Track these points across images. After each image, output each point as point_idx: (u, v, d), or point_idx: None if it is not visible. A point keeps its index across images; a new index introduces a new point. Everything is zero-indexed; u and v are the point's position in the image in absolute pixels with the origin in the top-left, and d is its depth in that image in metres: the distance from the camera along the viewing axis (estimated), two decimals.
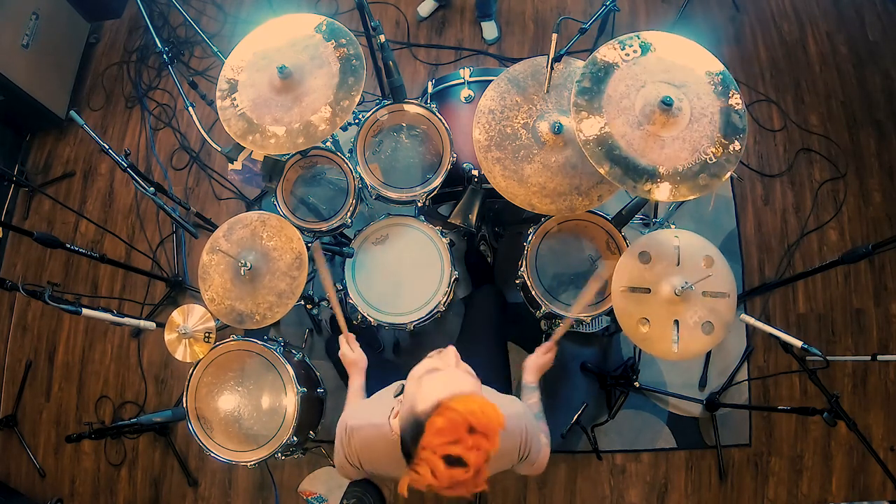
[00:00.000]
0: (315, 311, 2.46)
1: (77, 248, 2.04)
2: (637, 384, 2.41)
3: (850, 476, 2.53)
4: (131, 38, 3.31)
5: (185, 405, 1.90)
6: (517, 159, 1.74)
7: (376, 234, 2.09)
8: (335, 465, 1.48)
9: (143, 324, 2.00)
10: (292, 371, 1.90)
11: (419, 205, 2.06)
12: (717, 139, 1.50)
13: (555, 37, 1.58)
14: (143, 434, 2.63)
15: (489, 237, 2.33)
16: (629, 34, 1.57)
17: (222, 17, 3.30)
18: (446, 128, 2.03)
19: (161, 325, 1.95)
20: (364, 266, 2.06)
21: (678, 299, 1.66)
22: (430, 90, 2.21)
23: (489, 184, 1.76)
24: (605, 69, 1.53)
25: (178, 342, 1.88)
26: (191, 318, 1.88)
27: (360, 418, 1.41)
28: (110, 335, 2.83)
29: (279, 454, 1.88)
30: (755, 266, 2.79)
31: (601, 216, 2.00)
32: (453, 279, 2.03)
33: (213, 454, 1.87)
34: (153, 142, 3.11)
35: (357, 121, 2.08)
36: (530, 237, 1.99)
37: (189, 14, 2.03)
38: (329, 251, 1.97)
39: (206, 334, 1.88)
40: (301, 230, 1.93)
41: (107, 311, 1.91)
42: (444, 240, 2.07)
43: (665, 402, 2.58)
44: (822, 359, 1.75)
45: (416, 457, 1.10)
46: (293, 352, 2.08)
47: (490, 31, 3.15)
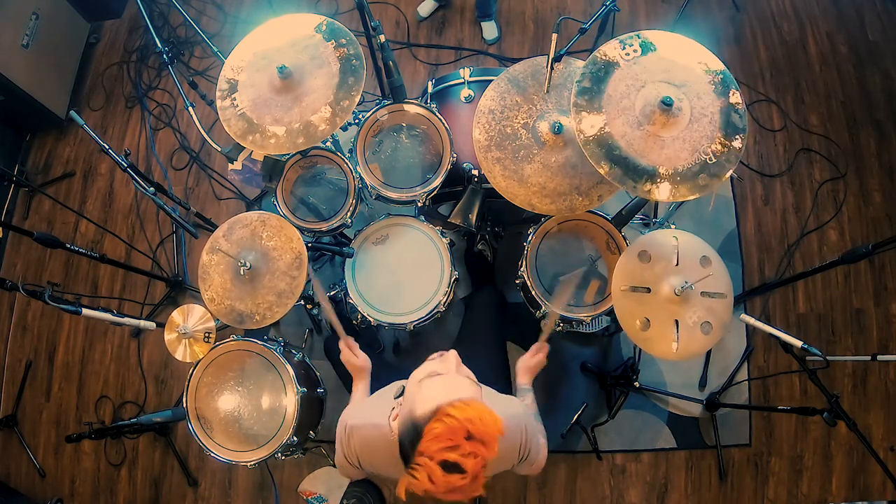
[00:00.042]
0: (315, 311, 2.46)
1: (77, 248, 2.04)
2: (637, 384, 2.41)
3: (850, 476, 2.53)
4: (131, 38, 3.31)
5: (185, 405, 1.90)
6: (517, 159, 1.74)
7: (376, 234, 2.09)
8: (335, 464, 1.48)
9: (143, 324, 2.00)
10: (292, 371, 1.90)
11: (419, 205, 2.06)
12: (717, 139, 1.51)
13: (555, 37, 1.58)
14: (143, 434, 2.63)
15: (489, 237, 2.32)
16: (629, 33, 1.57)
17: (222, 17, 3.30)
18: (446, 128, 2.03)
19: (161, 325, 1.95)
20: (364, 266, 2.06)
21: (678, 299, 1.66)
22: (430, 90, 2.21)
23: (489, 184, 1.76)
24: (606, 68, 1.53)
25: (178, 342, 1.88)
26: (191, 318, 1.88)
27: (360, 418, 1.41)
28: (110, 335, 2.83)
29: (279, 454, 1.88)
30: (755, 266, 2.78)
31: (601, 216, 2.00)
32: (453, 279, 2.03)
33: (213, 454, 1.87)
34: (153, 142, 3.11)
35: (357, 121, 2.08)
36: (530, 237, 1.99)
37: (189, 14, 2.03)
38: (329, 251, 1.97)
39: (206, 334, 1.88)
40: (301, 230, 1.93)
41: (107, 311, 1.91)
42: (444, 240, 2.07)
43: (665, 402, 2.58)
44: (822, 359, 1.75)
45: (414, 462, 1.10)
46: (293, 352, 2.08)
47: (490, 31, 3.15)
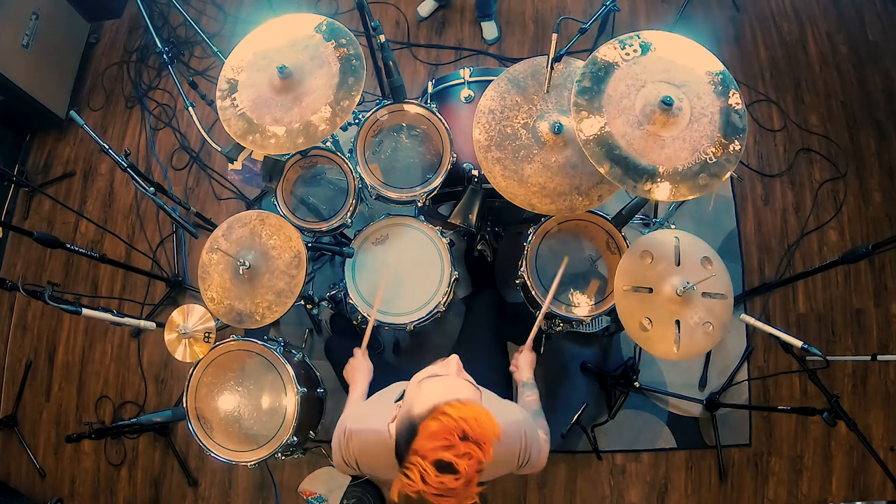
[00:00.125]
0: (315, 311, 2.46)
1: (77, 248, 2.04)
2: (637, 384, 2.40)
3: (850, 476, 2.53)
4: (131, 38, 3.31)
5: (185, 405, 1.90)
6: (517, 159, 1.74)
7: (376, 234, 2.09)
8: (333, 462, 1.48)
9: (143, 324, 1.99)
10: (292, 371, 1.90)
11: (419, 205, 2.06)
12: (716, 139, 1.51)
13: (555, 37, 1.58)
14: (143, 434, 2.63)
15: (489, 237, 2.33)
16: (629, 33, 1.57)
17: (222, 17, 3.29)
18: (446, 128, 2.03)
19: (161, 325, 1.95)
20: (364, 266, 2.06)
21: (680, 299, 1.66)
22: (430, 90, 2.21)
23: (489, 184, 1.76)
24: (606, 69, 1.53)
25: (178, 342, 1.88)
26: (191, 317, 1.88)
27: (360, 422, 1.40)
28: (110, 335, 2.83)
29: (279, 454, 1.88)
30: (755, 266, 2.78)
31: (601, 216, 2.00)
32: (453, 279, 2.03)
33: (213, 454, 1.87)
34: (153, 142, 3.10)
35: (357, 121, 2.08)
36: (530, 237, 1.99)
37: (189, 14, 2.03)
38: (329, 251, 1.97)
39: (206, 334, 1.88)
40: (301, 230, 1.93)
41: (107, 311, 1.91)
42: (444, 240, 2.07)
43: (665, 402, 2.58)
44: (822, 359, 1.75)
45: (408, 460, 1.09)
46: (293, 352, 2.08)
47: (490, 31, 3.15)
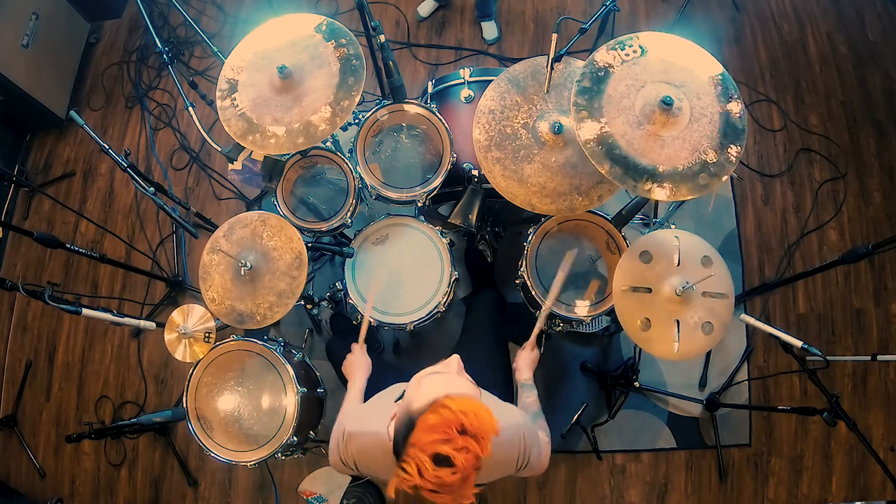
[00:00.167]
0: (315, 311, 2.46)
1: (77, 248, 2.04)
2: (637, 384, 2.41)
3: (850, 476, 2.53)
4: (131, 38, 3.31)
5: (185, 405, 1.90)
6: (517, 159, 1.74)
7: (376, 234, 2.09)
8: (329, 463, 1.47)
9: (143, 324, 1.99)
10: (292, 371, 1.90)
11: (419, 205, 2.06)
12: (716, 140, 1.50)
13: (555, 37, 1.58)
14: (143, 434, 2.63)
15: (489, 237, 2.33)
16: (628, 35, 1.57)
17: (222, 17, 3.29)
18: (446, 128, 2.03)
19: (161, 325, 1.95)
20: (364, 266, 2.05)
21: (679, 299, 1.66)
22: (430, 90, 2.21)
23: (489, 184, 1.76)
24: (603, 73, 1.53)
25: (178, 342, 1.88)
26: (191, 318, 1.88)
27: (360, 424, 1.40)
28: (110, 335, 2.83)
29: (279, 454, 1.88)
30: (755, 266, 2.78)
31: (601, 216, 2.00)
32: (453, 279, 2.03)
33: (213, 454, 1.87)
34: (153, 142, 3.10)
35: (357, 121, 2.08)
36: (530, 237, 1.99)
37: (189, 14, 2.03)
38: (329, 251, 1.97)
39: (206, 334, 1.88)
40: (301, 230, 1.93)
41: (107, 311, 1.91)
42: (444, 240, 2.06)
43: (665, 402, 2.58)
44: (822, 359, 1.75)
45: (405, 454, 1.08)
46: (293, 352, 2.08)
47: (490, 31, 3.15)
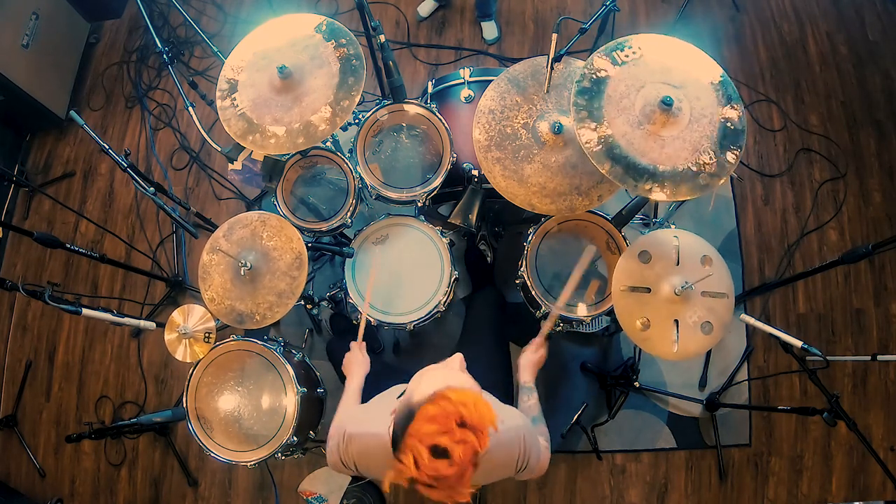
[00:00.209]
0: (315, 311, 2.46)
1: (77, 248, 2.04)
2: (637, 384, 2.40)
3: (850, 476, 2.53)
4: (131, 38, 3.31)
5: (185, 405, 1.90)
6: (517, 159, 1.74)
7: (376, 234, 2.09)
8: (328, 462, 1.46)
9: (143, 324, 1.99)
10: (292, 371, 1.90)
11: (419, 205, 2.06)
12: (716, 141, 1.50)
13: (555, 37, 1.58)
14: (143, 434, 2.63)
15: (489, 237, 2.33)
16: (626, 36, 1.57)
17: (222, 17, 3.29)
18: (446, 128, 2.03)
19: (161, 325, 1.95)
20: (364, 266, 2.05)
21: (678, 299, 1.66)
22: (430, 90, 2.21)
23: (489, 184, 1.76)
24: (602, 80, 1.53)
25: (178, 342, 1.88)
26: (191, 318, 1.88)
27: (360, 425, 1.39)
28: (110, 335, 2.83)
29: (279, 454, 1.88)
30: (755, 266, 2.78)
31: (601, 216, 2.00)
32: (453, 279, 2.03)
33: (213, 454, 1.87)
34: (153, 142, 3.10)
35: (357, 121, 2.08)
36: (530, 237, 1.99)
37: (189, 14, 2.03)
38: (329, 251, 1.97)
39: (206, 334, 1.88)
40: (301, 230, 1.93)
41: (107, 311, 1.91)
42: (444, 240, 2.06)
43: (665, 402, 2.58)
44: (822, 359, 1.75)
45: (403, 444, 1.08)
46: (293, 352, 2.08)
47: (490, 31, 3.15)
